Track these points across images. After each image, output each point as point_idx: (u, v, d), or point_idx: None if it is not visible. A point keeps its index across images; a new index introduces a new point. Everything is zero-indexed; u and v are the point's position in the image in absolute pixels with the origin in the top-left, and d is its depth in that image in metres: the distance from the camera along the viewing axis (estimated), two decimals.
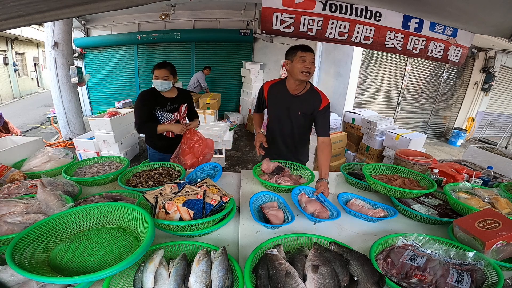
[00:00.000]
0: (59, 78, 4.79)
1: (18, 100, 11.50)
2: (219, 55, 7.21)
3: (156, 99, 2.03)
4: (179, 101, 2.14)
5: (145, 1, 1.22)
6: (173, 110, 2.11)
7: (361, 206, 1.41)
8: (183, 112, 2.19)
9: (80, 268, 0.87)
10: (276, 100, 1.84)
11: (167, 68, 1.99)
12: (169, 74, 1.99)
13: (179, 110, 2.14)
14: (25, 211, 1.10)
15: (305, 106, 1.77)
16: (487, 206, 1.29)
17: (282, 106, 1.82)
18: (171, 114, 2.11)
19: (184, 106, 2.16)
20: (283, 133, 1.92)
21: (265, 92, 1.87)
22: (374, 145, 3.97)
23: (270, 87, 1.85)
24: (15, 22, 1.28)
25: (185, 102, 2.18)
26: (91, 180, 1.57)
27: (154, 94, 2.04)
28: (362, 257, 0.91)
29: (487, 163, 2.31)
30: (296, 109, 1.78)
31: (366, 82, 4.98)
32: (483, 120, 7.23)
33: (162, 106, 2.04)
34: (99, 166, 1.79)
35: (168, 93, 2.08)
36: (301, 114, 1.79)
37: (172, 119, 2.12)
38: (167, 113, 2.09)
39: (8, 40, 11.03)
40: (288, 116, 1.82)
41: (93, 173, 1.70)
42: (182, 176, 1.63)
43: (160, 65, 1.99)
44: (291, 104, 1.78)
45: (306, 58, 1.60)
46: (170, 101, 2.08)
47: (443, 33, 2.39)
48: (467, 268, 0.92)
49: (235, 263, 0.91)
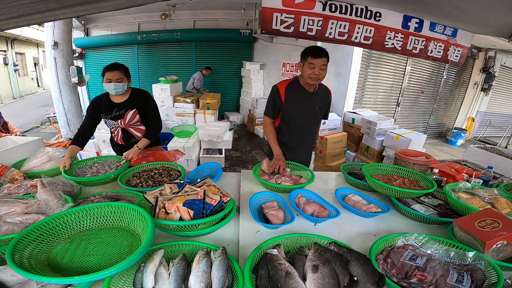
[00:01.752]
0: (59, 78, 4.79)
1: (18, 100, 11.51)
2: (219, 55, 7.21)
3: (103, 105, 1.90)
4: (127, 106, 1.91)
5: (145, 1, 1.22)
6: (117, 117, 1.92)
7: (357, 201, 1.42)
8: (130, 120, 1.93)
9: (80, 268, 0.87)
10: (297, 98, 1.85)
11: (120, 69, 1.81)
12: (123, 76, 1.81)
13: (123, 118, 1.92)
14: (25, 211, 1.10)
15: (320, 101, 1.92)
16: (487, 206, 1.29)
17: (303, 104, 1.87)
18: (115, 122, 1.93)
19: (131, 113, 1.91)
20: (301, 130, 1.95)
21: (282, 93, 1.83)
22: (374, 145, 3.97)
23: (286, 88, 1.84)
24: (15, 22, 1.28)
25: (134, 107, 1.92)
26: (91, 180, 1.57)
27: (100, 100, 1.91)
28: (362, 257, 0.91)
29: (487, 163, 2.31)
30: (314, 105, 1.90)
31: (366, 82, 4.98)
32: (483, 120, 7.24)
33: (108, 112, 1.90)
34: (99, 166, 1.79)
35: (118, 97, 1.90)
36: (318, 109, 1.93)
37: (116, 126, 1.96)
38: (110, 121, 1.93)
39: (8, 40, 11.03)
40: (309, 113, 1.91)
41: (93, 173, 1.70)
42: (182, 176, 1.63)
43: (112, 66, 1.80)
44: (311, 100, 1.88)
45: (315, 65, 1.66)
46: (117, 106, 1.90)
47: (443, 33, 2.39)
48: (467, 268, 0.92)
49: (235, 263, 0.91)
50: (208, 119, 5.38)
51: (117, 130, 1.99)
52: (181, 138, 4.04)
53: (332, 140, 3.79)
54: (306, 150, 2.09)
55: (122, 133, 2.01)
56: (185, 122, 5.38)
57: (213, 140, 4.27)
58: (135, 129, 2.01)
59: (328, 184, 1.76)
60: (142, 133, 2.03)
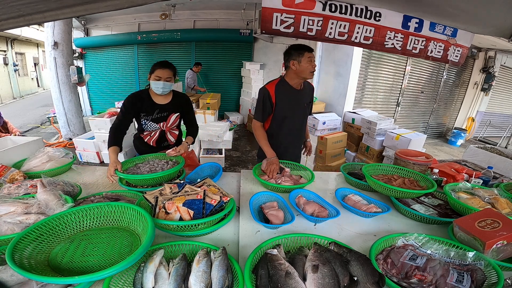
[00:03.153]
0: (59, 78, 4.79)
1: (18, 100, 11.50)
2: (219, 55, 7.20)
3: (143, 104, 1.78)
4: (171, 109, 1.83)
5: (145, 1, 1.22)
6: (159, 120, 1.83)
7: (357, 201, 1.42)
8: (172, 123, 1.88)
9: (80, 268, 0.87)
10: (287, 97, 1.86)
11: (171, 68, 1.75)
12: (172, 76, 1.74)
13: (166, 120, 1.85)
14: (25, 211, 1.09)
15: (307, 97, 1.98)
16: (487, 206, 1.29)
17: (293, 102, 1.89)
18: (156, 124, 1.83)
19: (174, 116, 1.86)
20: (293, 129, 1.97)
21: (272, 94, 1.83)
22: (374, 145, 3.97)
23: (276, 88, 1.83)
24: (15, 22, 1.28)
25: (178, 111, 1.87)
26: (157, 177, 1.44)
27: (141, 98, 1.78)
28: (362, 257, 0.91)
29: (487, 163, 2.31)
30: (303, 102, 1.95)
31: (366, 82, 4.98)
32: (483, 120, 7.24)
33: (148, 113, 1.79)
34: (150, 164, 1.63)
35: (161, 98, 1.81)
36: (306, 105, 1.98)
37: (156, 129, 1.86)
38: (151, 123, 1.82)
39: (8, 40, 11.03)
40: (299, 110, 1.94)
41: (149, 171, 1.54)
42: (182, 176, 1.62)
43: (164, 64, 1.72)
44: (299, 98, 1.91)
45: (312, 58, 1.74)
46: (159, 108, 1.80)
47: (443, 33, 2.39)
48: (467, 268, 0.92)
49: (235, 263, 0.91)
50: (208, 119, 5.38)
51: (154, 132, 1.87)
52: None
53: (332, 140, 3.79)
54: (298, 147, 2.14)
55: (159, 135, 1.90)
56: None
57: (213, 140, 4.27)
58: (171, 133, 1.94)
59: (328, 184, 1.76)
60: (175, 137, 1.98)
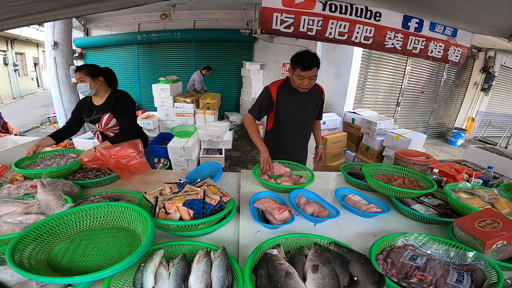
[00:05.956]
0: (59, 78, 4.79)
1: (18, 100, 11.49)
2: (219, 55, 7.20)
3: (85, 107, 1.86)
4: (103, 109, 1.83)
5: (145, 1, 1.22)
6: (94, 121, 1.86)
7: (357, 201, 1.42)
8: (106, 124, 1.85)
9: (80, 268, 0.87)
10: (289, 99, 1.84)
11: (83, 70, 1.74)
12: (85, 76, 1.72)
13: (100, 122, 1.85)
14: (25, 211, 1.09)
15: (313, 100, 1.91)
16: (487, 206, 1.29)
17: (296, 104, 1.86)
18: (93, 125, 1.87)
19: (106, 117, 1.82)
20: (294, 130, 1.93)
21: (273, 94, 1.82)
22: (374, 145, 3.97)
23: (278, 88, 1.82)
24: (15, 22, 1.28)
25: (109, 111, 1.82)
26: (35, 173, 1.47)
27: (85, 101, 1.88)
28: (362, 257, 0.91)
29: (487, 163, 2.31)
30: (307, 104, 1.89)
31: (366, 82, 4.98)
32: (483, 120, 7.24)
33: (87, 115, 1.86)
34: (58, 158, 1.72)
35: (97, 99, 1.85)
36: (311, 108, 1.92)
37: (95, 130, 1.90)
38: (90, 124, 1.87)
39: (8, 40, 11.02)
40: (302, 112, 1.90)
41: (48, 165, 1.61)
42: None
43: (78, 67, 1.78)
44: (303, 100, 1.86)
45: (305, 77, 1.65)
46: (96, 109, 1.84)
47: (443, 33, 2.40)
48: (467, 268, 0.92)
49: (235, 263, 0.91)
50: (208, 119, 5.39)
51: (96, 134, 1.93)
52: (181, 138, 4.04)
53: (332, 140, 3.80)
54: (302, 149, 2.09)
55: (102, 137, 1.93)
56: (185, 122, 5.39)
57: (213, 140, 4.27)
58: (114, 134, 1.88)
59: (328, 184, 1.76)
60: None
